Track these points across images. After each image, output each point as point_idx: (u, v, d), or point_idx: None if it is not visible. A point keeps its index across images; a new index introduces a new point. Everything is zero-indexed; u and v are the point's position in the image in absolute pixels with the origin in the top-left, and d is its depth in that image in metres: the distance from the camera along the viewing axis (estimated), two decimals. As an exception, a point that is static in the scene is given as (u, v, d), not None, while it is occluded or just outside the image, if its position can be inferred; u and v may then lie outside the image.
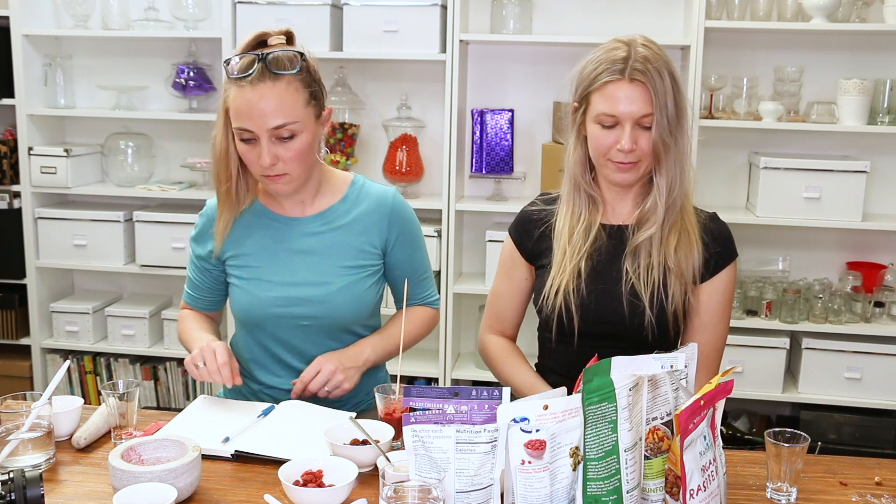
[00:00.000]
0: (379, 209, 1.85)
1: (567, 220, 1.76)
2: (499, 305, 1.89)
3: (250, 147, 1.70)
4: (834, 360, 3.10)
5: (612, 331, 1.71)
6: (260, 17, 3.17)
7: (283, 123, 1.67)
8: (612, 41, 1.69)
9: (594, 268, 1.73)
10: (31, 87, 3.37)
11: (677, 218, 1.71)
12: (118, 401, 1.57)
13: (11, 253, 3.44)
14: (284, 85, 1.67)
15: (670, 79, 1.64)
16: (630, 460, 1.25)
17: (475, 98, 3.35)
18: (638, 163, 1.67)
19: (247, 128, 1.67)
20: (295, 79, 1.68)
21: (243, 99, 1.66)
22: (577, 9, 3.25)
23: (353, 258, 1.83)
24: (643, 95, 1.62)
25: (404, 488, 1.22)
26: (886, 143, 3.20)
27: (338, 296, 1.80)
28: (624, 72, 1.62)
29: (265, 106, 1.65)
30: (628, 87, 1.62)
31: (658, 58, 1.64)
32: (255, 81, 1.65)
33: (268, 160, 1.68)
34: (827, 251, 3.30)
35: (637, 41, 1.66)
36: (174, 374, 3.53)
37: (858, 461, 1.60)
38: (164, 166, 3.58)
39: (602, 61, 1.66)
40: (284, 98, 1.67)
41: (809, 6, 2.94)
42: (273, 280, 1.81)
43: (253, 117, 1.66)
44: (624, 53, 1.64)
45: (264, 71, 1.65)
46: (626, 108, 1.63)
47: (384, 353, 1.87)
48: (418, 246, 1.93)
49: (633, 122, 1.63)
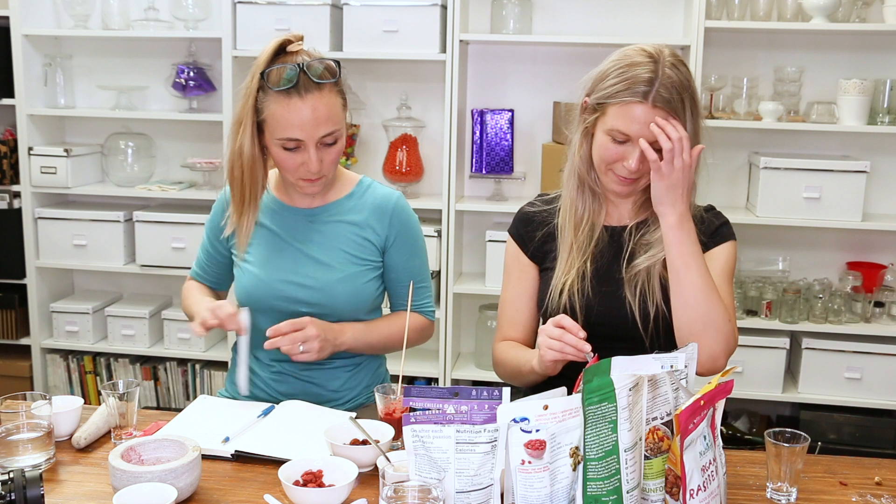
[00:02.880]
0: (382, 208, 1.88)
1: (571, 216, 1.75)
2: (512, 311, 1.84)
3: (292, 154, 1.74)
4: (834, 360, 3.10)
5: (615, 332, 1.70)
6: (260, 17, 3.17)
7: (331, 131, 1.73)
8: (639, 52, 1.63)
9: (597, 270, 1.73)
10: (31, 87, 3.37)
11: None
12: (118, 401, 1.57)
13: (11, 253, 3.44)
14: (328, 93, 1.72)
15: (690, 102, 1.61)
16: (630, 460, 1.25)
17: (475, 98, 3.35)
18: (641, 178, 1.66)
19: (296, 137, 1.71)
20: (335, 86, 1.74)
21: (290, 109, 1.69)
22: (577, 9, 3.26)
23: (356, 249, 1.86)
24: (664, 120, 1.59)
25: (404, 488, 1.22)
26: (886, 143, 3.20)
27: (338, 285, 1.83)
28: (648, 95, 1.58)
29: (316, 115, 1.70)
30: (649, 112, 1.59)
31: (684, 82, 1.60)
32: (304, 92, 1.69)
33: (317, 167, 1.74)
34: (827, 251, 3.30)
35: (665, 59, 1.61)
36: (174, 374, 3.53)
37: (858, 461, 1.60)
38: (164, 166, 3.58)
39: (626, 78, 1.60)
40: (331, 106, 1.72)
41: (809, 6, 2.94)
42: (276, 264, 1.85)
43: (304, 127, 1.70)
44: (650, 74, 1.59)
45: (309, 81, 1.69)
46: (641, 131, 1.60)
47: (363, 344, 1.86)
48: (417, 253, 1.93)
49: (646, 143, 1.60)
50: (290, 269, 1.84)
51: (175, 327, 3.44)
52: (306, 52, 1.75)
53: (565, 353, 1.53)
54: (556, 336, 1.54)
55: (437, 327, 3.17)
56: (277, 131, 1.72)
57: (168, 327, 3.45)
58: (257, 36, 3.18)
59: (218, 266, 1.98)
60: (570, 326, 1.54)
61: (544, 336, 1.56)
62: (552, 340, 1.54)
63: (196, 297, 1.94)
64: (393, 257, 1.88)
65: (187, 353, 3.45)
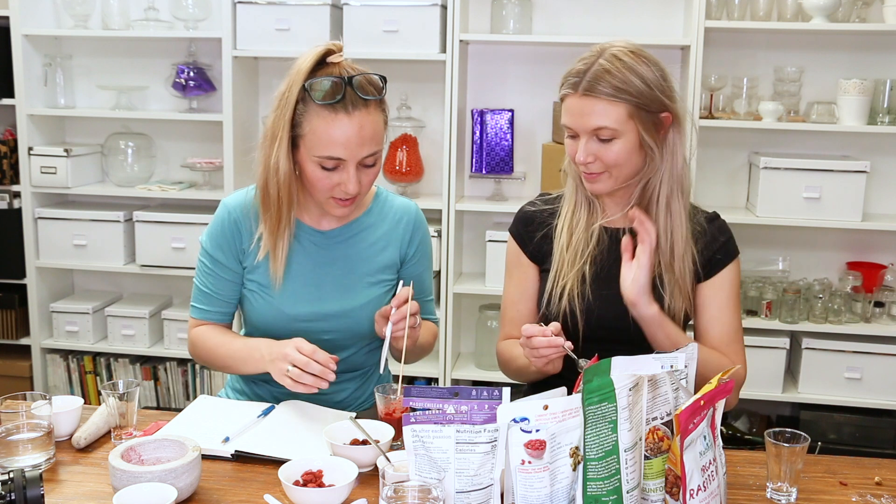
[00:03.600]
0: (403, 223, 1.83)
1: (568, 219, 1.76)
2: (513, 311, 1.85)
3: (329, 173, 1.63)
4: (834, 360, 3.10)
5: (615, 335, 1.70)
6: (260, 17, 3.17)
7: (374, 151, 1.64)
8: (591, 49, 1.67)
9: (598, 273, 1.73)
10: (31, 87, 3.37)
11: (663, 224, 1.69)
12: (118, 401, 1.57)
13: (11, 253, 3.44)
14: (374, 110, 1.62)
15: (643, 85, 1.60)
16: (630, 460, 1.25)
17: (475, 98, 3.35)
18: (604, 173, 1.66)
19: (338, 156, 1.60)
20: (380, 103, 1.65)
21: (336, 126, 1.58)
22: (577, 9, 3.25)
23: (377, 272, 1.81)
24: (595, 109, 1.60)
25: (404, 488, 1.22)
26: (886, 143, 3.20)
27: (361, 311, 1.78)
28: (577, 85, 1.62)
29: (362, 134, 1.60)
30: (580, 102, 1.62)
31: (623, 70, 1.60)
32: (351, 108, 1.58)
33: (356, 188, 1.63)
34: (827, 251, 3.30)
35: (609, 51, 1.63)
36: (174, 374, 3.53)
37: (858, 461, 1.61)
38: (164, 166, 3.58)
39: (567, 73, 1.66)
40: (376, 124, 1.63)
41: (809, 6, 2.94)
42: (299, 293, 1.76)
43: (349, 146, 1.59)
44: (582, 66, 1.63)
45: (356, 97, 1.59)
46: (577, 122, 1.63)
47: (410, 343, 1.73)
48: (427, 266, 1.91)
49: (589, 135, 1.63)
50: (313, 297, 1.76)
51: (175, 327, 3.43)
52: (349, 63, 1.65)
53: (547, 356, 1.56)
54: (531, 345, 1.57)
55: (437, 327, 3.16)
56: (318, 148, 1.60)
57: (168, 327, 3.45)
58: (257, 36, 3.18)
59: (232, 293, 1.79)
60: (532, 332, 1.56)
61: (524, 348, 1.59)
62: (529, 350, 1.58)
63: (236, 342, 1.74)
64: (409, 271, 1.86)
65: (187, 353, 3.43)
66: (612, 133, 1.61)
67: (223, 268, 1.78)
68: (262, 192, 1.69)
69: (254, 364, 1.68)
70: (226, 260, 1.77)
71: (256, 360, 1.67)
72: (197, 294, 1.82)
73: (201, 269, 1.80)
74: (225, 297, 1.80)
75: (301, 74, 1.61)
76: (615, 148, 1.63)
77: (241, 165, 3.26)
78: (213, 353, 1.78)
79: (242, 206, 1.77)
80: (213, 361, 1.80)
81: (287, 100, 1.61)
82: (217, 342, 1.77)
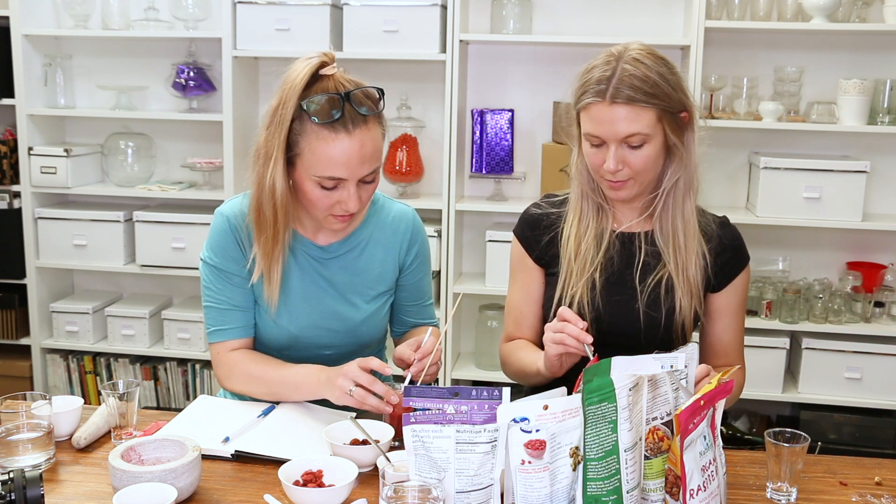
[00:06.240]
0: (401, 231, 1.81)
1: (574, 227, 1.74)
2: (517, 314, 1.83)
3: (328, 192, 1.58)
4: (834, 360, 3.10)
5: (626, 341, 1.69)
6: (260, 17, 3.17)
7: (375, 168, 1.60)
8: (605, 53, 1.63)
9: (608, 279, 1.72)
10: (31, 87, 3.37)
11: (677, 224, 1.69)
12: (118, 401, 1.57)
13: (11, 253, 3.44)
14: (373, 126, 1.58)
15: (664, 91, 1.59)
16: (630, 460, 1.25)
17: (475, 98, 3.35)
18: (630, 180, 1.65)
19: (339, 176, 1.56)
20: (378, 118, 1.60)
21: (335, 146, 1.53)
22: (577, 9, 3.25)
23: (376, 285, 1.79)
24: (627, 115, 1.58)
25: (404, 488, 1.22)
26: (886, 143, 3.20)
27: (362, 326, 1.77)
28: (605, 93, 1.58)
29: (363, 153, 1.55)
30: (609, 110, 1.58)
31: (648, 73, 1.58)
32: (351, 127, 1.54)
33: (356, 206, 1.59)
34: (827, 251, 3.30)
35: (627, 55, 1.60)
36: (174, 374, 3.53)
37: (858, 461, 1.60)
38: (164, 166, 3.58)
39: (586, 81, 1.62)
40: (376, 141, 1.58)
41: (809, 6, 2.94)
42: (298, 310, 1.74)
43: (350, 166, 1.55)
44: (606, 72, 1.59)
45: (355, 114, 1.55)
46: (607, 131, 1.60)
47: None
48: (426, 271, 1.90)
49: (619, 142, 1.60)
50: (315, 314, 1.74)
51: (175, 327, 3.44)
52: (342, 75, 1.59)
53: (567, 344, 1.53)
54: (558, 328, 1.54)
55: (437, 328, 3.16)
56: (317, 168, 1.55)
57: (168, 327, 3.45)
58: (257, 36, 3.19)
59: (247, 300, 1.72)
60: (571, 318, 1.54)
61: (548, 331, 1.57)
62: (554, 334, 1.55)
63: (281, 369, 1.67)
64: (407, 278, 1.85)
65: (187, 353, 3.45)
66: (643, 138, 1.59)
67: (231, 276, 1.72)
68: (256, 213, 1.63)
69: (308, 389, 1.65)
70: (233, 267, 1.72)
71: (313, 385, 1.64)
72: (211, 316, 1.74)
73: (209, 286, 1.73)
74: (242, 305, 1.73)
75: (295, 91, 1.55)
76: (644, 153, 1.61)
77: (241, 165, 3.26)
78: (256, 381, 1.70)
79: (239, 214, 1.72)
80: (254, 390, 1.72)
81: (282, 117, 1.55)
82: (259, 371, 1.70)
